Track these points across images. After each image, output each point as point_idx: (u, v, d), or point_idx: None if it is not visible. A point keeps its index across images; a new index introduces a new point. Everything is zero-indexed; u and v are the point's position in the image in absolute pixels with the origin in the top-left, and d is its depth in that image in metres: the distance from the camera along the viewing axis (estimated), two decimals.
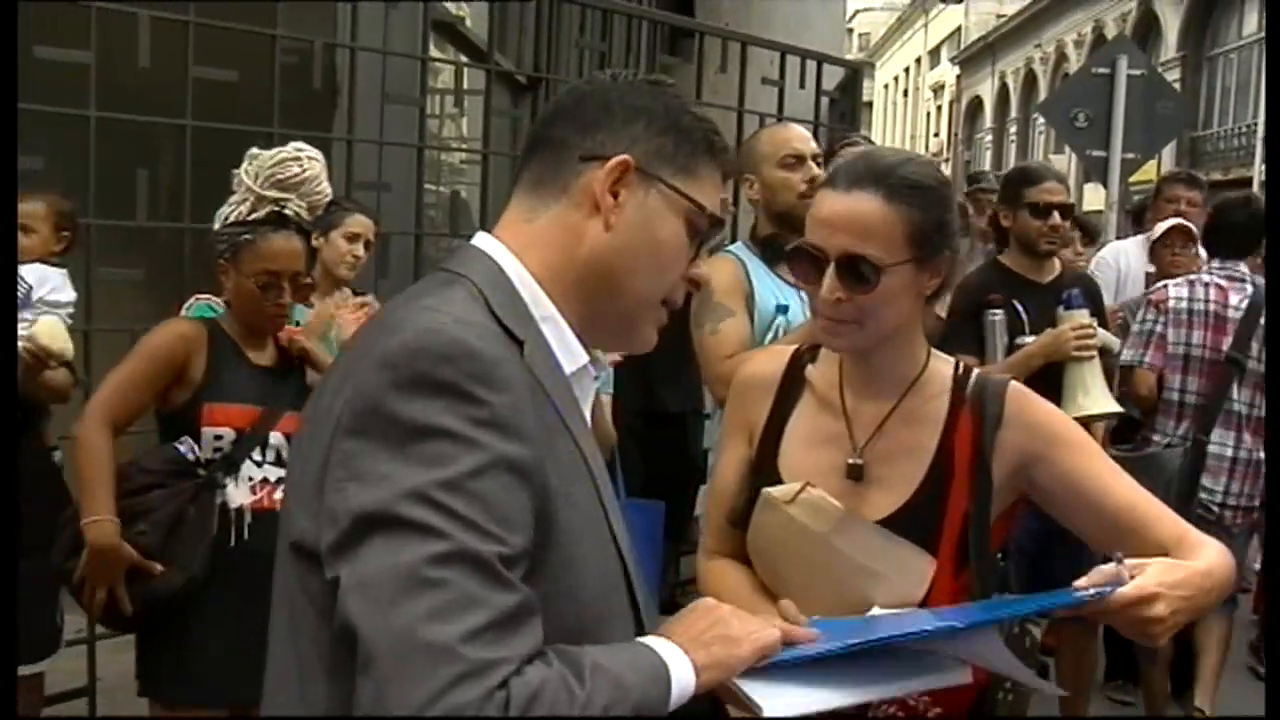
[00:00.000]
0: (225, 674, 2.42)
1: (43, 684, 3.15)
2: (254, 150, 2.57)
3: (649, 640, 1.14)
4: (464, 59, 5.72)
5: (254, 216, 2.52)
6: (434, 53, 4.94)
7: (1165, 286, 3.92)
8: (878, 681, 1.31)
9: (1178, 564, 1.42)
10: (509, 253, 1.18)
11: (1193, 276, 3.92)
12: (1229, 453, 3.75)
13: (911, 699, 1.54)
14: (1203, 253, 4.25)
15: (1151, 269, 4.61)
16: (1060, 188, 3.57)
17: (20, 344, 2.77)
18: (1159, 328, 3.81)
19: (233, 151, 3.72)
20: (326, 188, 2.63)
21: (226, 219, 2.55)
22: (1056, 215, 3.47)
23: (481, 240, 1.20)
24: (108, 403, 2.47)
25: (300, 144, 2.69)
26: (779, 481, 1.62)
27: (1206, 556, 1.47)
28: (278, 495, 2.46)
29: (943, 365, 1.67)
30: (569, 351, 1.18)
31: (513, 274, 1.16)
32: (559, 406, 1.13)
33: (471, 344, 1.04)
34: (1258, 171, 17.41)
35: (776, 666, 1.22)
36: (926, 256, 1.54)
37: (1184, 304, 3.81)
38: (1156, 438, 3.81)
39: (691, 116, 1.24)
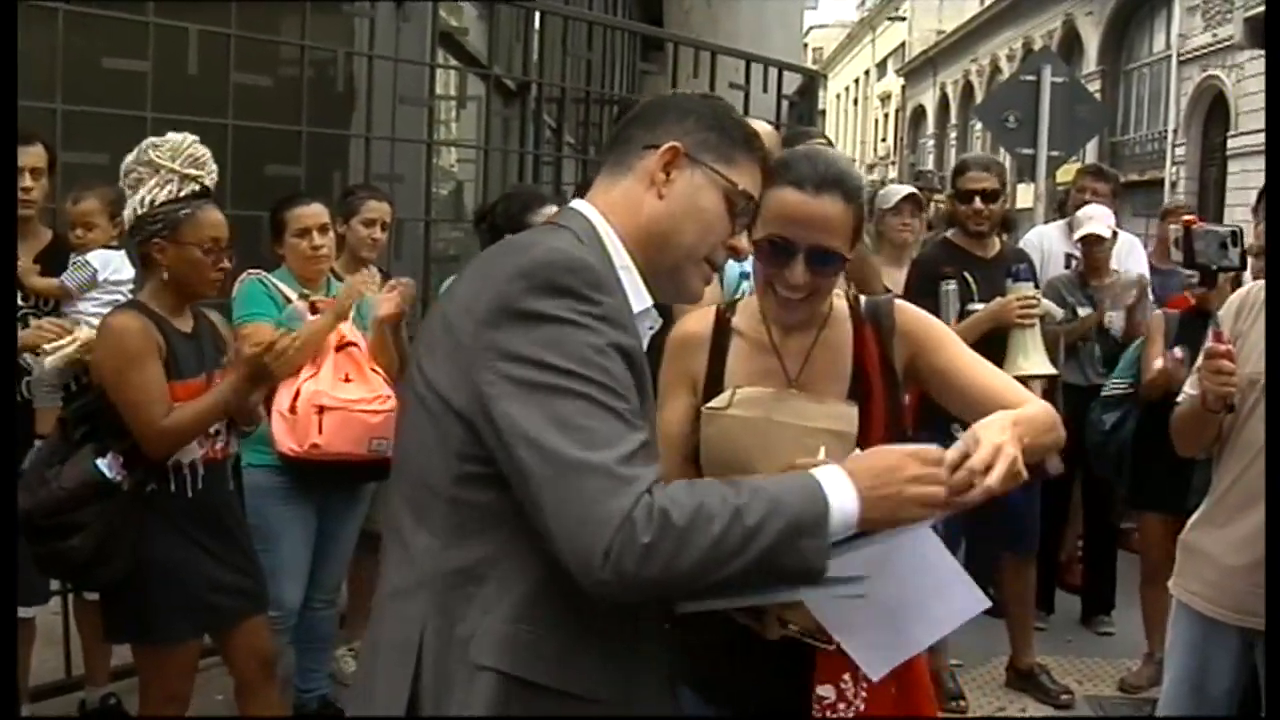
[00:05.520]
0: (199, 607, 2.45)
1: (34, 628, 3.15)
2: (152, 140, 2.47)
3: (824, 478, 1.24)
4: (461, 65, 5.79)
5: (183, 194, 2.44)
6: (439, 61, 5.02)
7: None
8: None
9: (1005, 413, 1.45)
10: (598, 214, 1.38)
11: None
12: None
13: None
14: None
15: (1072, 250, 4.79)
16: (983, 175, 3.68)
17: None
18: None
19: (266, 147, 3.87)
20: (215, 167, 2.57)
21: (153, 202, 2.43)
22: (978, 200, 3.63)
23: (578, 204, 1.41)
24: (150, 414, 2.37)
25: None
26: None
27: (1030, 405, 1.59)
28: (219, 445, 2.53)
29: (837, 299, 1.81)
30: (638, 295, 1.36)
31: (601, 229, 1.36)
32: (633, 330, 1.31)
33: (588, 260, 1.25)
34: (1168, 173, 17.72)
35: None
36: (857, 240, 1.74)
37: None
38: None
39: (733, 120, 1.44)
